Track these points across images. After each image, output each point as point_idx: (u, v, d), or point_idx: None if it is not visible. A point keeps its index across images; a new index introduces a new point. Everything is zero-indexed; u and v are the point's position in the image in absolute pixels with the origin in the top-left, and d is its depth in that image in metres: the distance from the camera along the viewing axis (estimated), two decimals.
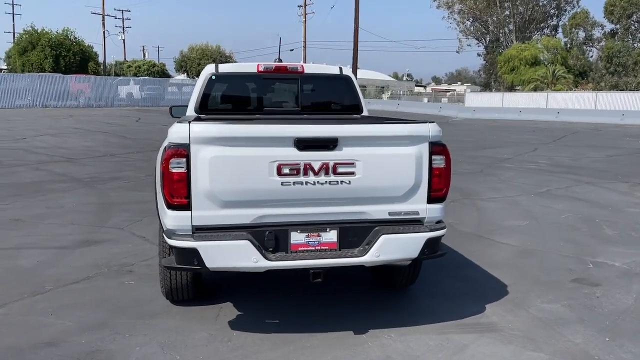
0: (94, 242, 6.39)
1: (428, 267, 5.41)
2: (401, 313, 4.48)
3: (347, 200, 3.78)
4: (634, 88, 41.20)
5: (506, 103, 39.52)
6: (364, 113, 5.85)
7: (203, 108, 5.51)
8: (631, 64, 43.88)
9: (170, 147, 3.53)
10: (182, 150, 3.50)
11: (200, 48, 66.31)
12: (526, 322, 4.31)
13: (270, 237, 3.70)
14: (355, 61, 48.55)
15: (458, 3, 59.88)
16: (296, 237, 3.76)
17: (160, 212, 3.93)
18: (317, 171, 3.63)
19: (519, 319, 4.37)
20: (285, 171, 3.59)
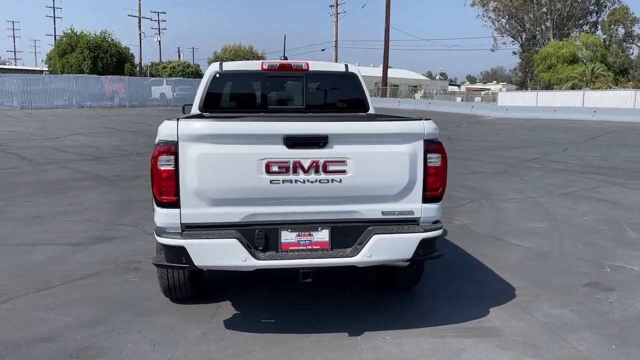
0: (107, 239, 6.48)
1: (434, 269, 5.29)
2: (400, 315, 4.38)
3: (339, 199, 3.69)
4: None
5: (540, 102, 38.51)
6: (371, 110, 5.74)
7: (207, 106, 5.49)
8: None
9: (159, 145, 3.53)
10: (171, 147, 3.49)
11: (233, 49, 67.10)
12: (530, 328, 4.15)
13: (260, 236, 3.66)
14: (386, 60, 48.32)
15: (493, 1, 58.84)
16: (287, 236, 3.71)
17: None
18: (307, 169, 3.57)
19: (523, 324, 4.21)
20: (274, 169, 3.54)
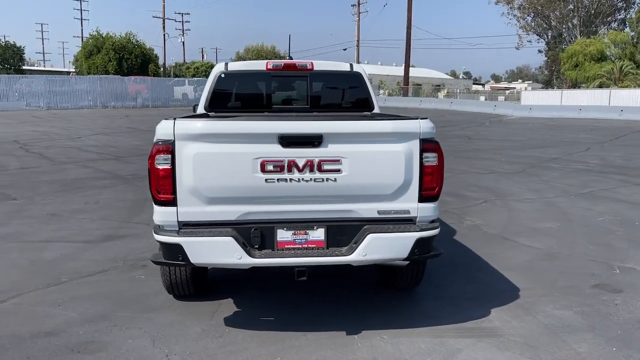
0: (118, 237, 6.60)
1: (438, 269, 5.27)
2: (399, 315, 4.37)
3: (334, 198, 3.71)
4: None
5: (565, 101, 37.82)
6: (375, 110, 5.73)
7: (212, 106, 5.55)
8: None
9: (156, 144, 3.59)
10: (168, 146, 3.55)
11: (255, 49, 67.54)
12: (531, 329, 4.10)
13: (256, 234, 3.69)
14: (407, 59, 48.03)
15: None
16: (283, 235, 3.74)
17: None
18: (302, 168, 3.59)
19: (524, 325, 4.17)
20: (269, 168, 3.57)
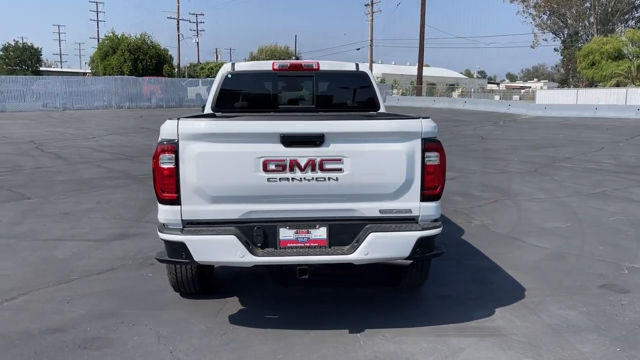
0: (128, 236, 6.69)
1: (442, 268, 5.27)
2: (402, 314, 4.39)
3: (336, 197, 3.73)
4: None
5: (581, 100, 37.38)
6: (381, 109, 5.74)
7: (219, 106, 5.59)
8: None
9: (160, 144, 3.64)
10: (172, 146, 3.60)
11: (269, 49, 67.79)
12: (534, 328, 4.09)
13: (258, 233, 3.73)
14: (421, 59, 47.87)
15: None
16: (285, 233, 3.77)
17: None
18: (304, 167, 3.62)
19: (528, 325, 4.15)
20: (271, 167, 3.61)
